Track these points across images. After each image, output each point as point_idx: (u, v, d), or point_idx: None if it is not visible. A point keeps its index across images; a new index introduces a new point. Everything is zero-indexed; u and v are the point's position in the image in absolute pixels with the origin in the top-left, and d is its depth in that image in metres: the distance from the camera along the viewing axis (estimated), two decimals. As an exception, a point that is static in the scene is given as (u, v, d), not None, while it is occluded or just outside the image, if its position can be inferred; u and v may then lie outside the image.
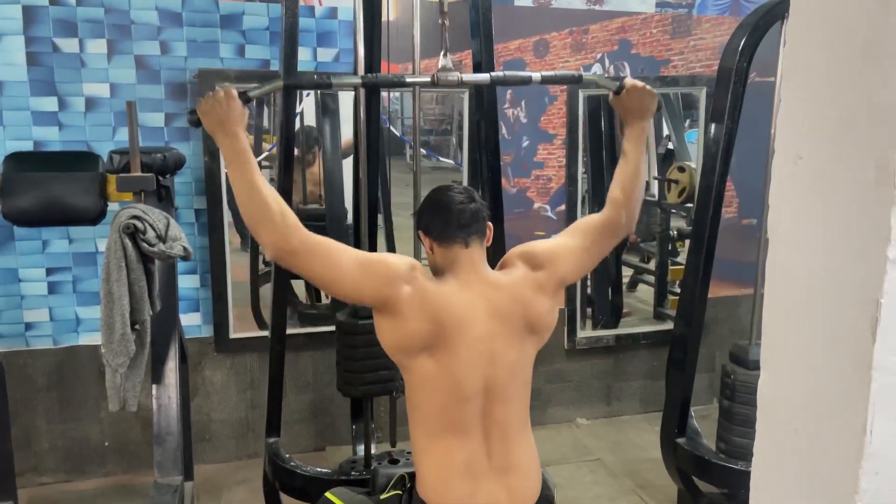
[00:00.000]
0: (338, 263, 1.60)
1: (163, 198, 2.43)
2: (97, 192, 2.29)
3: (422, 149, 2.60)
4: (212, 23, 3.14)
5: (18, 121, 2.97)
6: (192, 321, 3.30)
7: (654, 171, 4.23)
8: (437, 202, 1.71)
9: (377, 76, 2.11)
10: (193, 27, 3.12)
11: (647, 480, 3.27)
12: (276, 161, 2.59)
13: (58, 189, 2.26)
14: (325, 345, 3.36)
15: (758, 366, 0.84)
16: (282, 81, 1.87)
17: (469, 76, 2.04)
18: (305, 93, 3.47)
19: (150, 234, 2.14)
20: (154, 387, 2.44)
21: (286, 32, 2.41)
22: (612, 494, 3.18)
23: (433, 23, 2.11)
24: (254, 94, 1.68)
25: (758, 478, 0.85)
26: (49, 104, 3.00)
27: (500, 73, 2.01)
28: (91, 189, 2.29)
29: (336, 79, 1.85)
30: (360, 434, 2.70)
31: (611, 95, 1.92)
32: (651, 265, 4.32)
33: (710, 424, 3.05)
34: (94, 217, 2.31)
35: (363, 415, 2.65)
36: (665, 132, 4.25)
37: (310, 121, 3.59)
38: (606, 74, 1.92)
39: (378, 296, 1.61)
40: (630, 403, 4.01)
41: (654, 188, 4.21)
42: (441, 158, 4.07)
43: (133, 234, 2.12)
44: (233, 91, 1.60)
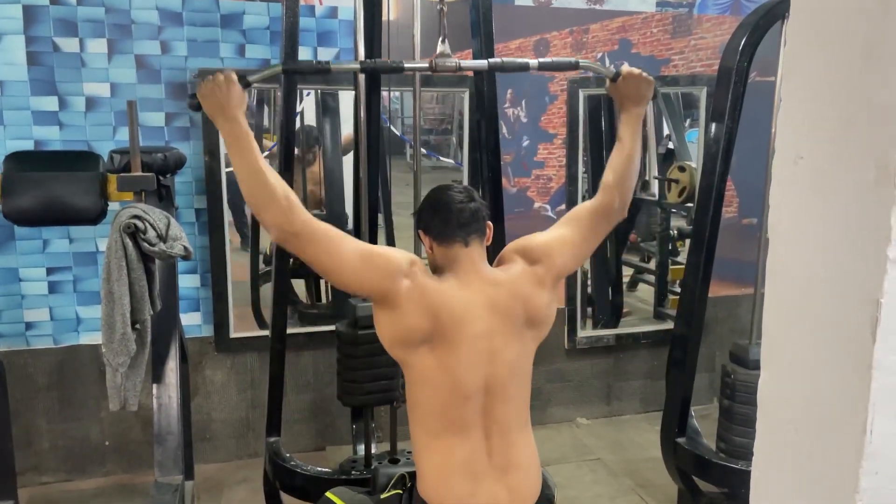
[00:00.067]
0: (339, 252, 1.60)
1: (163, 197, 2.43)
2: (98, 192, 2.29)
3: (422, 148, 2.60)
4: (212, 22, 3.14)
5: (19, 120, 2.97)
6: (193, 321, 3.30)
7: (655, 171, 4.23)
8: (437, 201, 1.71)
9: (375, 61, 2.11)
10: (194, 27, 3.12)
11: (648, 480, 3.28)
12: (277, 160, 2.60)
13: (58, 189, 2.26)
14: (326, 344, 3.36)
15: (758, 365, 0.85)
16: (281, 66, 1.87)
17: (467, 62, 2.04)
18: (306, 92, 3.47)
19: (151, 234, 2.14)
20: (154, 386, 2.44)
21: (286, 32, 2.42)
22: (613, 494, 3.18)
23: (433, 22, 2.10)
24: (253, 79, 1.68)
25: (758, 477, 0.85)
26: (49, 104, 3.00)
27: (498, 60, 2.00)
28: (91, 189, 2.29)
29: (335, 64, 1.86)
30: (361, 434, 2.70)
31: (607, 83, 1.93)
32: (651, 265, 4.32)
33: (711, 424, 3.05)
34: (95, 217, 2.31)
35: (364, 415, 2.65)
36: (665, 132, 4.25)
37: (310, 120, 3.59)
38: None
39: (376, 288, 1.62)
40: (630, 403, 4.01)
41: (655, 188, 4.21)
42: (441, 158, 4.07)
43: (134, 234, 2.12)
44: (232, 75, 1.60)
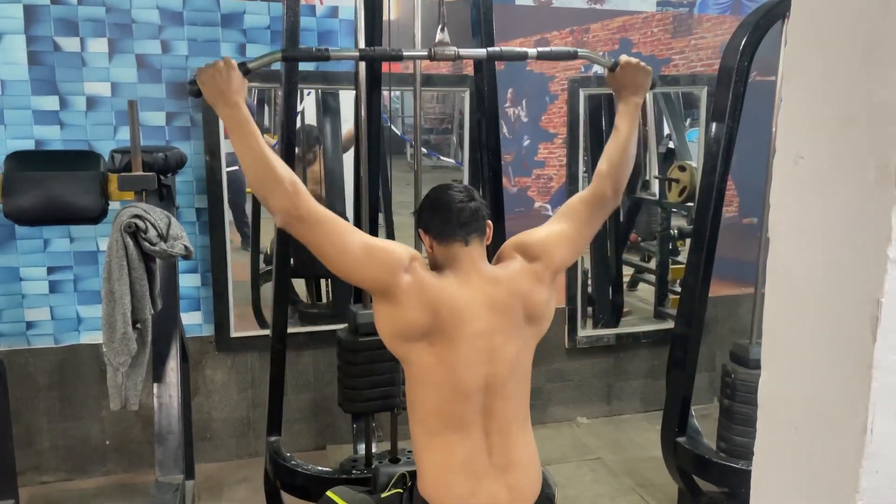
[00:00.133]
0: (343, 242, 1.61)
1: (164, 197, 2.43)
2: (98, 192, 2.30)
3: (423, 148, 2.60)
4: (213, 22, 3.14)
5: (20, 120, 2.97)
6: (193, 320, 3.30)
7: (655, 171, 4.23)
8: (437, 200, 1.72)
9: (374, 49, 2.11)
10: (194, 26, 3.12)
11: (648, 479, 3.28)
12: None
13: (59, 188, 2.26)
14: (326, 344, 3.36)
15: (758, 365, 0.85)
16: (280, 52, 1.86)
17: (466, 50, 2.02)
18: (307, 92, 3.47)
19: (152, 233, 2.14)
20: (155, 385, 2.44)
21: (287, 31, 2.41)
22: (613, 493, 3.19)
23: (434, 22, 2.10)
24: (253, 65, 1.68)
25: (758, 477, 0.85)
26: (50, 103, 3.00)
27: (497, 49, 2.00)
28: (92, 188, 2.29)
29: (334, 51, 1.86)
30: (361, 433, 2.70)
31: (606, 72, 1.94)
32: (652, 264, 4.32)
33: (711, 423, 3.05)
34: (96, 216, 2.31)
35: (364, 415, 2.65)
36: (666, 131, 4.25)
37: (310, 120, 3.59)
38: (607, 73, 1.93)
39: (376, 280, 1.63)
40: (630, 402, 4.01)
41: (655, 187, 4.22)
42: (442, 157, 4.07)
43: (134, 233, 2.12)
44: (232, 61, 1.60)
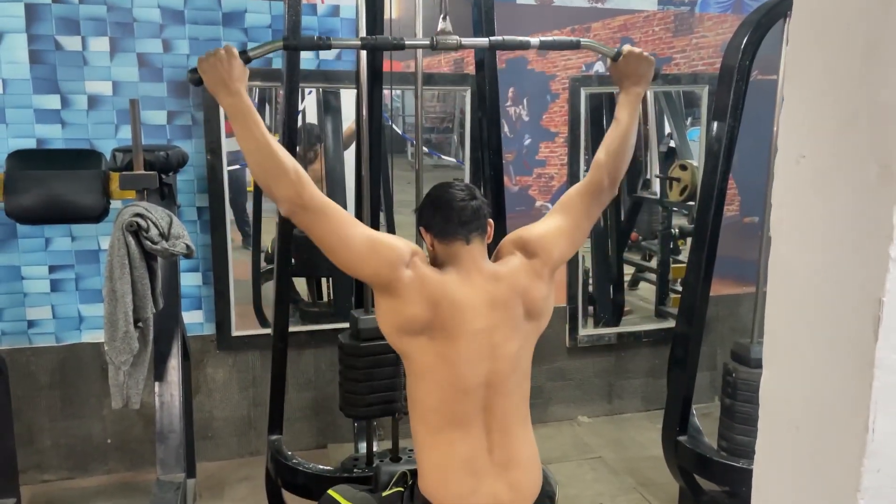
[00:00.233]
0: (347, 234, 1.61)
1: (165, 195, 2.44)
2: (100, 190, 2.30)
3: (424, 147, 2.60)
4: (214, 20, 3.14)
5: (21, 119, 2.98)
6: (195, 319, 3.31)
7: (656, 170, 4.23)
8: (438, 199, 1.72)
9: (376, 38, 2.08)
10: (196, 25, 3.12)
11: (649, 478, 3.28)
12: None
13: (61, 187, 2.26)
14: (327, 342, 3.36)
15: (759, 364, 0.85)
16: (282, 41, 1.85)
17: (468, 40, 2.00)
18: (308, 90, 3.47)
19: (153, 232, 2.14)
20: (156, 384, 2.44)
21: (288, 31, 2.41)
22: (614, 492, 3.19)
23: (435, 21, 2.10)
24: (254, 53, 1.68)
25: (759, 476, 0.85)
26: (52, 102, 3.00)
27: (499, 38, 1.97)
28: (94, 187, 2.29)
29: (336, 40, 1.85)
30: (363, 432, 2.71)
31: (608, 62, 1.95)
32: (653, 263, 4.32)
33: (712, 422, 3.05)
34: (97, 215, 2.32)
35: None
36: (667, 130, 4.25)
37: (311, 119, 3.59)
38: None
39: (377, 275, 1.63)
40: (631, 401, 4.01)
41: (656, 186, 4.22)
42: (443, 156, 4.07)
43: (136, 232, 2.12)
44: (234, 49, 1.60)
